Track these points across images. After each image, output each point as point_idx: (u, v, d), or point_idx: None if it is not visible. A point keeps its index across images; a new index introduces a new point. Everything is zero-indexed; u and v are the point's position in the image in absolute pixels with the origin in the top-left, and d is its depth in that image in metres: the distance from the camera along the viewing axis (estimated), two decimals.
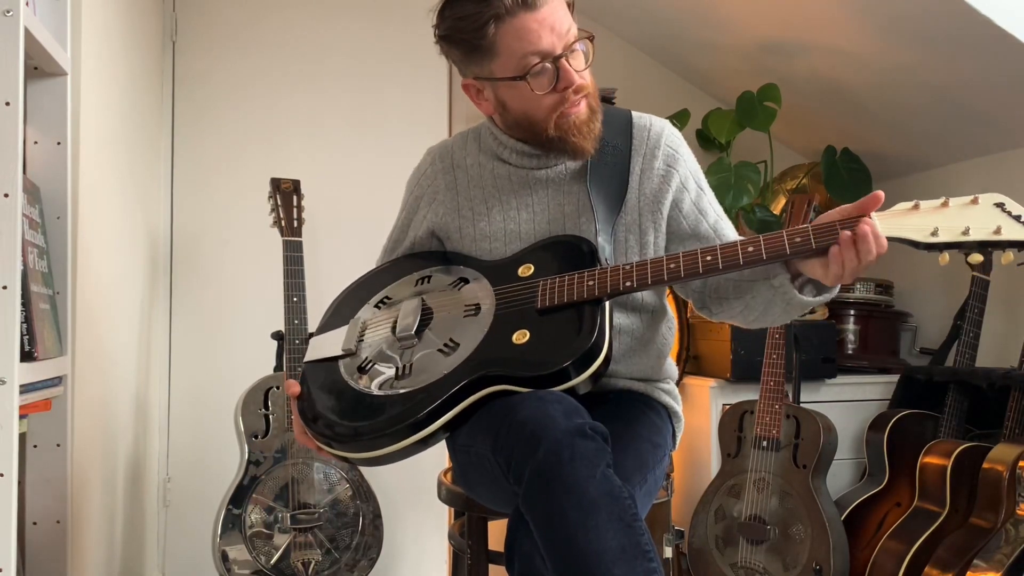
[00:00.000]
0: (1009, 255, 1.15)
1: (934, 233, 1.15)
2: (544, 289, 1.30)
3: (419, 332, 1.36)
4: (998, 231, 1.13)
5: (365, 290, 1.53)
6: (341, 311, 1.51)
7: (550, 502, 1.12)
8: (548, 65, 1.32)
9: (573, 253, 1.35)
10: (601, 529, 1.10)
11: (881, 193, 1.19)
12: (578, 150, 1.38)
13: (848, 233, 1.18)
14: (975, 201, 1.16)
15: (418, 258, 1.54)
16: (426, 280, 1.47)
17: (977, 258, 1.16)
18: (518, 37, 1.30)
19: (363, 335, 1.42)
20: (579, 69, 1.35)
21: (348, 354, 1.39)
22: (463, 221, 1.48)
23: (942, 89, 2.48)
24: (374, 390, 1.30)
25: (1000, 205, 1.15)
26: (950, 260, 1.20)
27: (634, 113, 1.50)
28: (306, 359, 1.44)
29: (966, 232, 1.14)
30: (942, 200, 1.17)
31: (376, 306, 1.48)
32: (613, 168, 1.42)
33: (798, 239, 1.20)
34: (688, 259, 1.25)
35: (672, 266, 1.25)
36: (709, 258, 1.23)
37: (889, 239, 1.17)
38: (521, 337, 1.27)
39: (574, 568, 1.10)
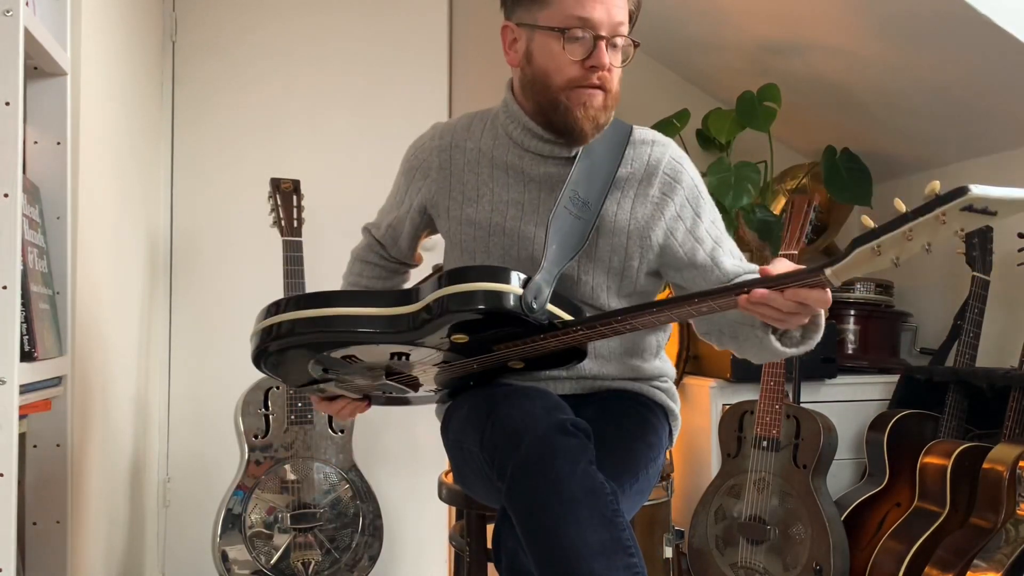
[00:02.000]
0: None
1: (896, 262, 1.10)
2: (506, 355, 1.30)
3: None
4: (961, 232, 1.08)
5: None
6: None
7: (531, 497, 1.14)
8: (588, 38, 1.33)
9: (496, 318, 1.23)
10: (581, 524, 1.11)
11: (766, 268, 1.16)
12: (576, 129, 1.36)
13: (743, 297, 1.13)
14: (942, 219, 1.05)
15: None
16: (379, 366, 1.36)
17: None
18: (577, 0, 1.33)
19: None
20: (615, 64, 1.37)
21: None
22: (452, 202, 1.48)
23: (942, 89, 2.48)
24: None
25: (968, 208, 1.04)
26: (955, 264, 1.15)
27: (636, 129, 1.48)
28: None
29: (928, 247, 1.08)
30: (903, 232, 1.07)
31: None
32: (589, 196, 1.39)
33: (704, 304, 1.16)
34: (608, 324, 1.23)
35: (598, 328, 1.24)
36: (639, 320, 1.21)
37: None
38: (517, 364, 1.34)
39: (554, 562, 1.11)
